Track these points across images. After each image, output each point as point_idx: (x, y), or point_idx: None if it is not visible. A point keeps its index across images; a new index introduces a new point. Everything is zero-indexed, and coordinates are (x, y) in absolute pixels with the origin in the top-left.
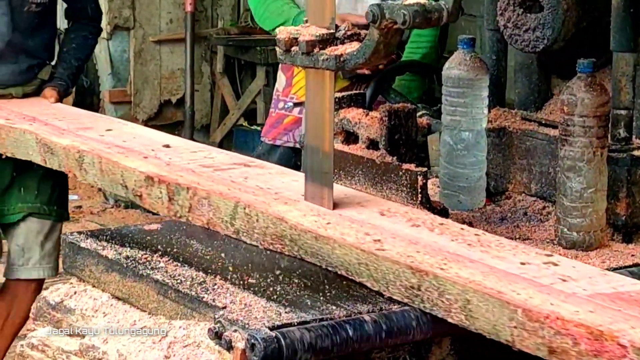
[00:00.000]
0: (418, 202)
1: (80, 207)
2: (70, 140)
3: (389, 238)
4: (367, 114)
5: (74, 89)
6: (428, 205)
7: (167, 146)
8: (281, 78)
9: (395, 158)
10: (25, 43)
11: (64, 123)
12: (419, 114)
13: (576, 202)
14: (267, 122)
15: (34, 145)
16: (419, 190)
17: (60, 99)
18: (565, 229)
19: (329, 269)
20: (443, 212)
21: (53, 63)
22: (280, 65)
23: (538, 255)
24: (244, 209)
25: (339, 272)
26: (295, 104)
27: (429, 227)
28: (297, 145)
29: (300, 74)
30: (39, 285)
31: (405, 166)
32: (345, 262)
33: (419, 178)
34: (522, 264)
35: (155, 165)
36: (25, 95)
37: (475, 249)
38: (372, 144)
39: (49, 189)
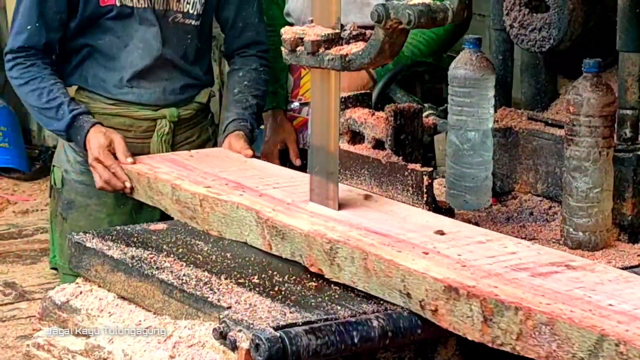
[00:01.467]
0: (424, 202)
1: None
2: (309, 222)
3: None
4: (373, 114)
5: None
6: (434, 205)
7: (441, 232)
8: (289, 78)
9: (401, 158)
10: (177, 60)
11: (283, 192)
12: (425, 113)
13: (582, 202)
14: None
15: (252, 224)
16: (425, 190)
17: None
18: (571, 229)
19: None
20: (449, 212)
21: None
22: (290, 67)
23: None
24: (615, 345)
25: None
26: (302, 104)
27: None
28: (307, 147)
29: (307, 76)
30: None
31: (411, 166)
32: None
33: (425, 178)
34: None
35: (450, 268)
36: (180, 121)
37: None
38: (378, 144)
39: None
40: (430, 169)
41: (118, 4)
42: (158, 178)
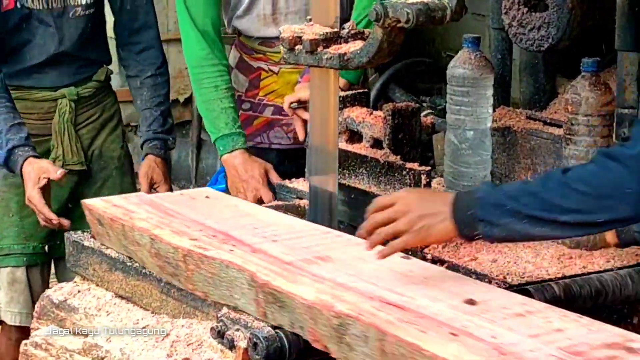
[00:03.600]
0: None
1: None
2: (313, 289)
3: None
4: (371, 113)
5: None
6: None
7: (472, 302)
8: (239, 78)
9: (399, 157)
10: (75, 50)
11: (281, 248)
12: (423, 113)
13: None
14: None
15: (244, 287)
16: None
17: (165, 162)
18: None
19: None
20: None
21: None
22: (237, 66)
23: None
24: None
25: None
26: (264, 105)
27: None
28: (273, 147)
29: (270, 78)
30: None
31: (409, 165)
32: None
33: (423, 177)
34: None
35: (485, 356)
36: (80, 100)
37: None
38: (376, 143)
39: None
40: (429, 168)
41: (18, 5)
42: (134, 226)
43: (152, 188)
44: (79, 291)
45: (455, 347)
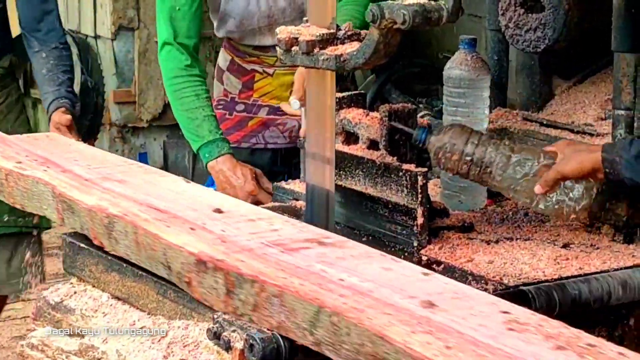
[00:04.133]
0: (418, 202)
1: None
2: (97, 198)
3: None
4: (367, 114)
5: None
6: (428, 205)
7: (219, 211)
8: (231, 80)
9: (395, 158)
10: None
11: (87, 170)
12: (420, 114)
13: None
14: (223, 126)
15: (49, 199)
16: (419, 190)
17: (74, 118)
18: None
19: None
20: (444, 213)
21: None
22: (228, 68)
23: None
24: (329, 317)
25: None
26: (260, 105)
27: None
28: (269, 147)
29: (264, 80)
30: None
31: (406, 166)
32: None
33: (420, 178)
34: None
35: (208, 243)
36: None
37: None
38: (373, 144)
39: None
40: (425, 169)
41: None
42: None
43: None
44: (75, 292)
45: (187, 237)
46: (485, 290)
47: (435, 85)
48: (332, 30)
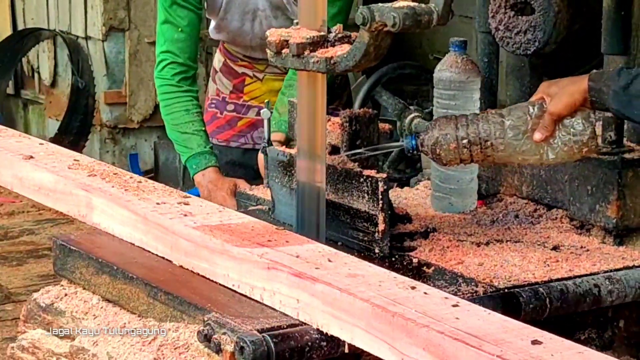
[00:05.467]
0: (379, 208)
1: None
2: None
3: None
4: (328, 120)
5: None
6: (390, 211)
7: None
8: (223, 81)
9: (356, 164)
10: None
11: None
12: (410, 115)
13: None
14: (215, 124)
15: None
16: (380, 196)
17: None
18: None
19: None
20: (406, 218)
21: None
22: (221, 69)
23: None
24: None
25: None
26: (249, 106)
27: None
28: (257, 147)
29: (254, 84)
30: None
31: (367, 172)
32: None
33: (380, 184)
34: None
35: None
36: None
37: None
38: (334, 150)
39: None
40: (385, 175)
41: None
42: None
43: None
44: (65, 295)
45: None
46: (476, 292)
47: (426, 87)
48: (322, 33)
